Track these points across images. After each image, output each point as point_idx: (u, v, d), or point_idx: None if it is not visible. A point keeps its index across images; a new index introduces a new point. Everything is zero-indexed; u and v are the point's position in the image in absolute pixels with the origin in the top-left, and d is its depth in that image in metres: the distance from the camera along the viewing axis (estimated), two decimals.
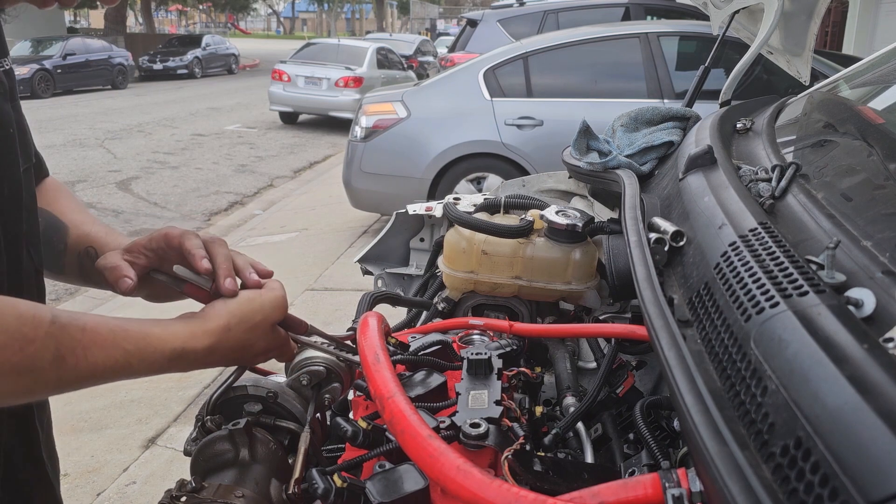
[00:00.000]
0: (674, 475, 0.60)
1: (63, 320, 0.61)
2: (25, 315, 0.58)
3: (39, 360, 0.58)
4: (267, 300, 0.77)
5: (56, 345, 0.59)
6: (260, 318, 0.75)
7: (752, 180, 1.02)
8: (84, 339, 0.61)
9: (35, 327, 0.58)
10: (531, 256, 1.24)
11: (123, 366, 0.65)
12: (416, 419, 0.68)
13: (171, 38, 24.80)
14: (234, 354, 0.75)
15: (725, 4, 2.11)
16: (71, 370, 0.61)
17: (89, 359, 0.62)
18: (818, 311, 0.60)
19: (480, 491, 0.58)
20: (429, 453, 0.64)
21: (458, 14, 29.92)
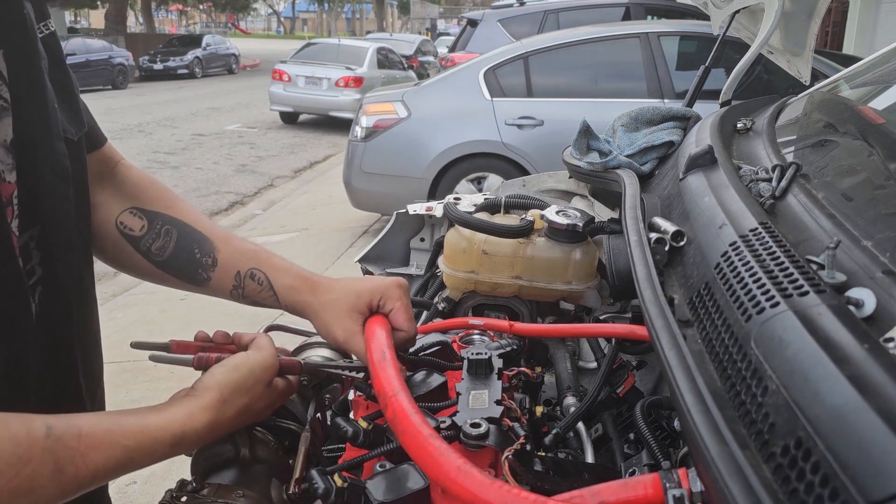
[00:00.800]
0: (674, 475, 0.60)
1: (58, 431, 0.58)
2: (19, 435, 0.55)
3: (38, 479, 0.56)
4: (255, 363, 0.76)
5: (54, 459, 0.57)
6: (252, 383, 0.75)
7: (753, 180, 1.02)
8: (81, 445, 0.59)
9: (30, 446, 0.56)
10: (531, 256, 1.24)
11: (125, 463, 0.63)
12: (419, 419, 0.68)
13: (172, 38, 24.80)
14: (236, 422, 0.74)
15: (726, 4, 2.11)
16: (72, 480, 0.58)
17: (89, 465, 0.59)
18: (818, 311, 0.60)
19: (480, 492, 0.58)
20: (429, 453, 0.64)
21: (459, 14, 29.91)
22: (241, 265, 0.88)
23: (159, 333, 3.99)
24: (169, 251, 0.86)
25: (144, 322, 4.01)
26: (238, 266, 0.88)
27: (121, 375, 3.37)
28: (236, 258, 0.88)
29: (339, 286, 0.88)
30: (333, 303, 0.87)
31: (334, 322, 0.86)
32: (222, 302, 2.79)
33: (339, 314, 0.86)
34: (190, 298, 4.37)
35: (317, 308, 0.87)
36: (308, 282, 0.89)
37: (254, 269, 0.88)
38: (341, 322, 0.86)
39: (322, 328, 0.88)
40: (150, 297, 4.48)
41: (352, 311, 0.86)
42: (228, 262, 0.87)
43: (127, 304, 4.40)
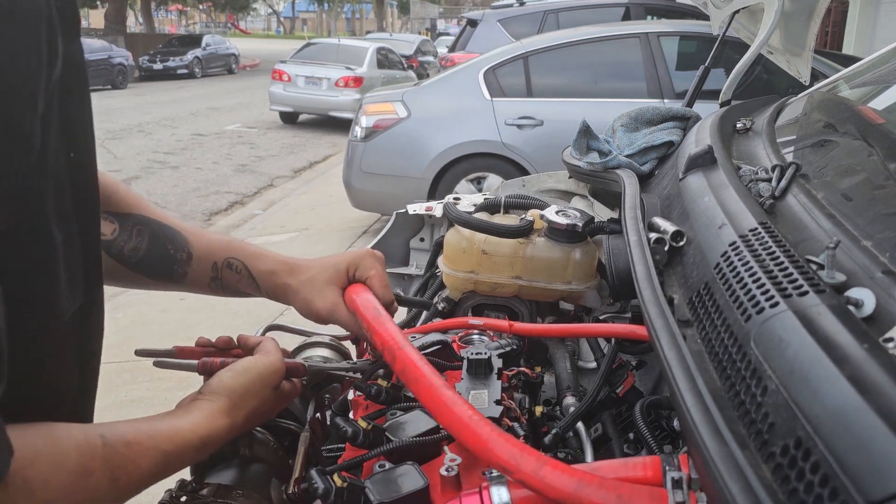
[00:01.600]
0: (675, 460, 0.61)
1: (109, 439, 0.58)
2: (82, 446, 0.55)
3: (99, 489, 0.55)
4: (263, 367, 0.77)
5: (111, 468, 0.57)
6: (260, 387, 0.75)
7: (752, 180, 1.02)
8: (131, 453, 0.59)
9: (92, 457, 0.55)
10: (531, 256, 1.24)
11: (164, 469, 0.63)
12: (429, 368, 0.69)
13: (171, 38, 24.80)
14: (247, 425, 0.75)
15: (725, 4, 2.11)
16: (124, 489, 0.59)
17: (138, 472, 0.60)
18: (818, 311, 0.60)
19: (489, 442, 0.61)
20: (443, 402, 0.66)
21: (458, 14, 29.91)
22: (217, 255, 0.88)
23: (159, 333, 3.99)
24: (143, 251, 0.84)
25: (144, 322, 4.01)
26: (213, 257, 0.87)
27: (121, 375, 3.37)
28: (211, 249, 0.88)
29: (315, 264, 0.90)
30: (312, 280, 0.88)
31: (315, 297, 0.88)
32: (222, 302, 2.83)
33: (318, 289, 0.88)
34: (190, 299, 4.37)
35: (297, 288, 0.88)
36: (286, 265, 0.90)
37: (230, 258, 0.88)
38: (322, 296, 0.88)
39: (304, 306, 0.89)
40: (150, 298, 4.48)
41: (330, 285, 0.88)
42: (203, 254, 0.87)
43: (127, 304, 4.40)
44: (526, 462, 0.59)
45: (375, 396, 0.88)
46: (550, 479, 0.57)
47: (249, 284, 0.89)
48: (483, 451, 0.61)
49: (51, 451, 0.52)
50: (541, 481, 0.57)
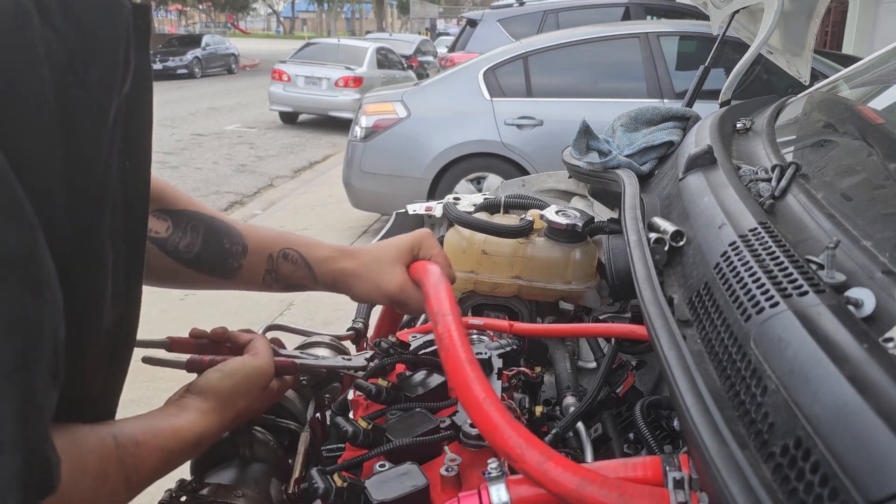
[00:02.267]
0: (675, 460, 0.61)
1: (121, 440, 0.59)
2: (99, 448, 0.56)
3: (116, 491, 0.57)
4: (251, 370, 0.76)
5: (125, 469, 0.58)
6: (247, 388, 0.75)
7: (752, 180, 1.02)
8: (140, 453, 0.60)
9: (108, 459, 0.56)
10: (531, 256, 1.24)
11: (166, 466, 0.64)
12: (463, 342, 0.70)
13: (171, 38, 24.79)
14: (237, 420, 0.75)
15: (725, 4, 2.11)
16: (135, 487, 0.60)
17: (146, 471, 0.61)
18: (818, 311, 0.60)
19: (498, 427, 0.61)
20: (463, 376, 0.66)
21: (458, 14, 29.90)
22: (272, 247, 0.87)
23: (159, 333, 3.96)
24: (198, 247, 0.83)
25: (144, 322, 3.98)
26: (269, 248, 0.86)
27: None
28: (266, 241, 0.87)
29: (376, 247, 0.90)
30: (377, 261, 0.88)
31: (384, 277, 0.88)
32: (223, 301, 2.84)
33: (386, 269, 0.88)
34: (189, 298, 4.37)
35: (360, 271, 0.88)
36: (342, 251, 0.89)
37: (286, 248, 0.87)
38: (392, 275, 0.88)
39: (369, 289, 0.88)
40: (150, 297, 4.46)
41: (397, 264, 0.89)
42: (258, 246, 0.86)
43: None
44: (531, 454, 0.59)
45: (375, 396, 0.88)
46: (554, 474, 0.57)
47: (306, 275, 0.88)
48: (490, 434, 0.61)
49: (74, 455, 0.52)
50: (544, 475, 0.57)
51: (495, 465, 0.65)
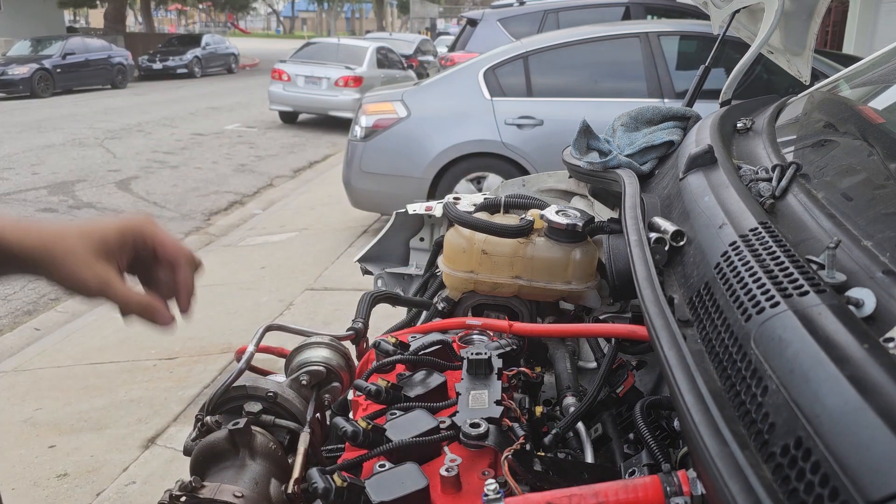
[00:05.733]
0: (675, 479, 0.61)
1: None
2: None
3: None
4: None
5: None
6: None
7: (753, 180, 1.02)
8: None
9: None
10: (531, 256, 1.24)
11: None
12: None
13: (171, 38, 24.78)
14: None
15: (726, 4, 2.11)
16: None
17: None
18: (818, 311, 0.60)
19: None
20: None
21: (458, 13, 29.89)
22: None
23: (159, 333, 3.98)
24: None
25: None
26: None
27: (120, 375, 3.37)
28: None
29: (69, 230, 0.75)
30: (75, 248, 0.73)
31: (84, 270, 0.73)
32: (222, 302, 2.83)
33: (87, 261, 0.73)
34: None
35: (51, 257, 0.73)
36: (35, 230, 0.74)
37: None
38: (93, 269, 0.73)
39: (67, 277, 0.73)
40: None
41: (100, 256, 0.74)
42: None
43: None
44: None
45: (375, 396, 0.88)
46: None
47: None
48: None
49: None
50: None
51: (493, 487, 0.65)
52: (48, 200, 6.80)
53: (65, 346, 3.77)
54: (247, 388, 0.89)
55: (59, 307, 4.42)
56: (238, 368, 0.90)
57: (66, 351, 3.69)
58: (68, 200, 6.84)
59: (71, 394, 3.21)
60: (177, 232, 6.08)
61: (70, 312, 4.30)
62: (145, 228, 0.78)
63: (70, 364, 3.51)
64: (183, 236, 6.00)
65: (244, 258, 5.31)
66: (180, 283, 0.79)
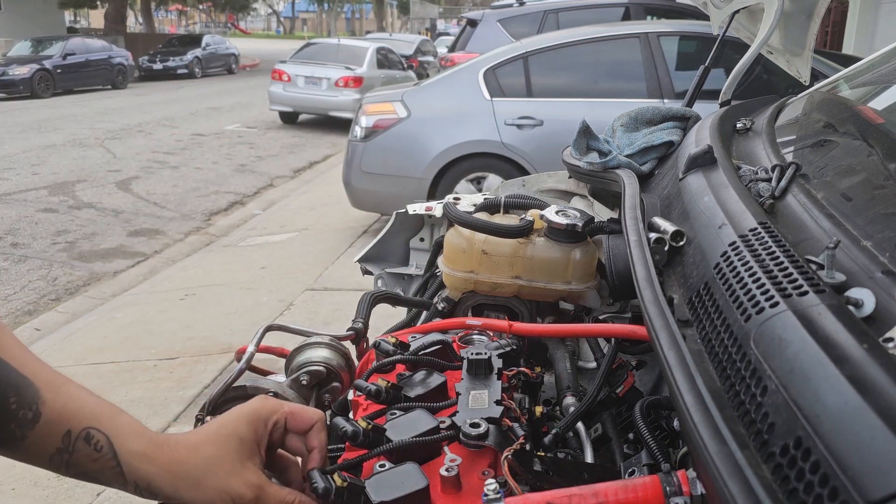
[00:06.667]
0: (675, 479, 0.61)
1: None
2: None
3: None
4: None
5: None
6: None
7: (752, 180, 1.02)
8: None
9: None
10: (531, 256, 1.24)
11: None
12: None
13: (171, 38, 24.80)
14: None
15: (725, 4, 2.11)
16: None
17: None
18: (818, 311, 0.60)
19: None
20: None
21: (458, 14, 29.90)
22: (75, 422, 0.66)
23: (159, 333, 3.99)
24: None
25: (144, 322, 4.00)
26: (70, 422, 0.66)
27: (120, 376, 3.37)
28: (68, 413, 0.66)
29: (205, 437, 0.70)
30: (214, 461, 0.68)
31: (230, 481, 0.68)
32: (222, 301, 2.83)
33: (230, 470, 0.68)
34: (189, 298, 4.37)
35: (190, 475, 0.68)
36: (162, 445, 0.69)
37: (91, 428, 0.67)
38: (242, 477, 0.69)
39: (210, 496, 0.68)
40: (150, 297, 4.48)
41: (245, 461, 0.70)
42: (57, 416, 0.66)
43: (126, 303, 4.39)
44: None
45: (375, 396, 0.88)
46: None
47: (110, 468, 0.66)
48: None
49: None
50: None
51: (493, 487, 0.65)
52: (48, 200, 6.81)
53: (65, 346, 3.77)
54: (247, 389, 0.89)
55: (59, 307, 4.42)
56: (238, 368, 0.90)
57: (66, 351, 3.69)
58: (69, 200, 6.84)
59: None
60: (177, 232, 6.09)
61: (70, 313, 4.30)
62: (273, 409, 0.73)
63: (70, 364, 3.51)
64: (183, 237, 6.00)
65: (244, 258, 5.31)
66: (315, 447, 0.76)
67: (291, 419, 0.74)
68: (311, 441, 0.75)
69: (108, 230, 6.02)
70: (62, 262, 5.26)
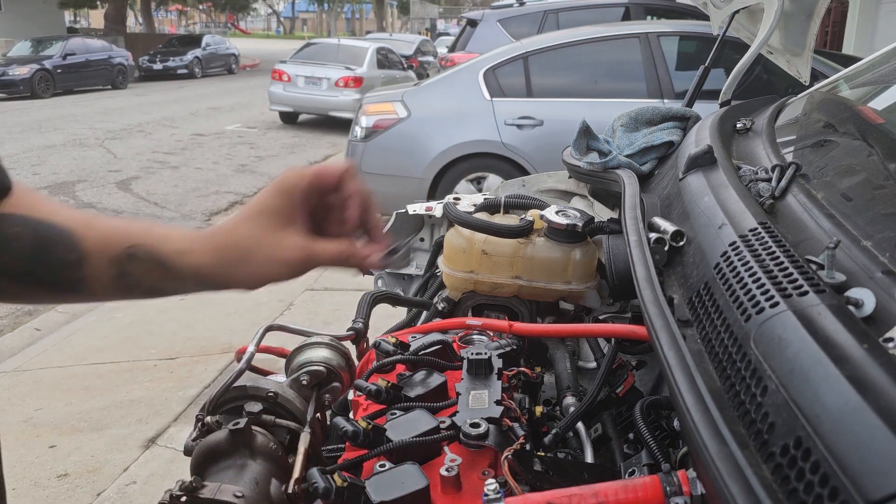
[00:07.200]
0: (675, 479, 0.61)
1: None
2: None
3: None
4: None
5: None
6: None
7: (752, 180, 1.02)
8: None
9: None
10: (531, 256, 1.24)
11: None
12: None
13: (171, 38, 24.79)
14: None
15: (725, 4, 2.11)
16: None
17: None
18: (818, 311, 0.60)
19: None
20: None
21: (458, 14, 29.92)
22: (114, 247, 0.67)
23: (159, 333, 3.99)
24: (26, 260, 0.66)
25: (144, 322, 4.00)
26: (110, 250, 0.67)
27: (120, 375, 3.37)
28: (106, 241, 0.67)
29: (240, 218, 0.71)
30: (255, 237, 0.69)
31: (277, 252, 0.69)
32: (222, 302, 2.84)
33: (274, 240, 0.69)
34: (189, 298, 4.37)
35: (238, 253, 0.68)
36: (204, 238, 0.69)
37: (131, 247, 0.67)
38: (286, 242, 0.69)
39: (264, 271, 0.69)
40: None
41: (285, 227, 0.69)
42: (97, 249, 0.67)
43: (126, 304, 4.39)
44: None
45: (375, 396, 0.88)
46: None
47: (165, 276, 0.68)
48: None
49: None
50: None
51: (493, 487, 0.65)
52: None
53: (65, 346, 3.77)
54: (247, 389, 0.89)
55: (59, 307, 4.42)
56: (239, 368, 0.90)
57: (66, 351, 3.69)
58: (69, 201, 6.84)
59: (71, 394, 3.21)
60: None
61: (70, 312, 4.30)
62: (298, 175, 0.70)
63: (70, 364, 3.51)
64: None
65: None
66: (352, 192, 0.71)
67: (319, 178, 0.71)
68: (347, 188, 0.72)
69: None
70: None
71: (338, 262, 0.73)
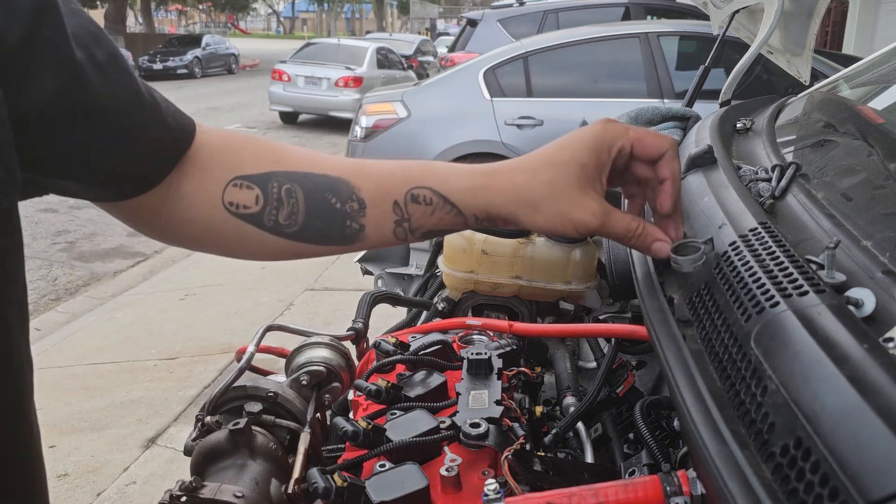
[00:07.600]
0: (675, 479, 0.61)
1: None
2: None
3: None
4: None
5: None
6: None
7: (752, 180, 1.02)
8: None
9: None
10: (531, 256, 1.24)
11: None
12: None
13: (171, 38, 24.81)
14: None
15: (725, 4, 2.11)
16: None
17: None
18: (818, 311, 0.60)
19: None
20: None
21: (458, 14, 29.93)
22: (395, 191, 0.67)
23: (159, 333, 3.99)
24: (301, 215, 0.65)
25: (144, 322, 4.00)
26: (392, 194, 0.66)
27: (120, 375, 3.37)
28: (386, 185, 0.67)
29: (543, 161, 0.69)
30: (552, 185, 0.66)
31: (571, 206, 0.66)
32: (222, 301, 2.85)
33: (569, 195, 0.66)
34: (189, 299, 4.37)
35: (529, 199, 0.66)
36: (492, 174, 0.68)
37: (413, 188, 0.66)
38: (586, 206, 0.66)
39: (551, 221, 0.67)
40: (150, 297, 4.48)
41: (586, 188, 0.66)
42: (378, 194, 0.66)
43: (126, 304, 4.39)
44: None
45: (375, 396, 0.88)
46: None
47: (449, 215, 0.67)
48: None
49: None
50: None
51: (493, 487, 0.65)
52: (48, 200, 6.80)
53: (65, 346, 3.77)
54: (247, 389, 0.89)
55: (59, 307, 4.42)
56: (238, 368, 0.90)
57: (66, 351, 3.69)
58: (69, 200, 6.84)
59: (71, 394, 3.21)
60: None
61: (70, 313, 4.31)
62: (617, 134, 0.67)
63: (70, 364, 3.51)
64: None
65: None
66: (668, 178, 0.68)
67: (638, 145, 0.68)
68: (663, 171, 0.69)
69: (109, 230, 6.03)
70: (62, 262, 5.26)
71: (625, 237, 0.70)
